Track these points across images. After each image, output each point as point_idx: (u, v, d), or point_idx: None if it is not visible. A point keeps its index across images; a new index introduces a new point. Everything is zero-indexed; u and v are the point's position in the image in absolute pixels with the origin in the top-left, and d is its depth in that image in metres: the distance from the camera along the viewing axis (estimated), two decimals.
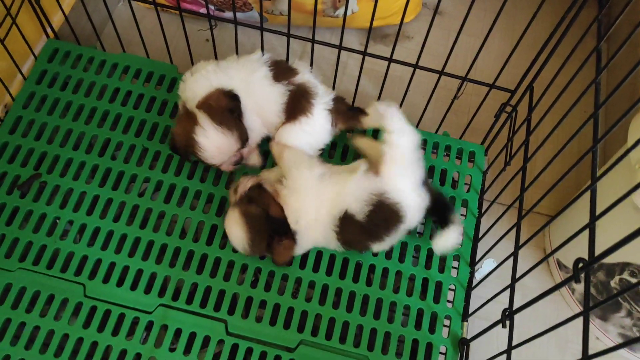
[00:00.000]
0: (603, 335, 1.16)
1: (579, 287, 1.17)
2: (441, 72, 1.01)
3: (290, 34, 1.03)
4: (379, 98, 1.14)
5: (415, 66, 1.01)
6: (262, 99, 1.02)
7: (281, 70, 1.02)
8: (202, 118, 0.96)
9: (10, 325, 0.96)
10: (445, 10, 1.50)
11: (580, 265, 0.59)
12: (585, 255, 0.61)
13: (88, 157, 1.10)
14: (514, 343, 0.76)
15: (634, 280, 1.00)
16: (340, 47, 1.02)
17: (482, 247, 1.04)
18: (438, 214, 1.01)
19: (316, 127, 1.03)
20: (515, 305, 0.77)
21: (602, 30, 0.71)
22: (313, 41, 1.04)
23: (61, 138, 1.12)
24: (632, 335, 1.09)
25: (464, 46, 1.02)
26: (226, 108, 0.97)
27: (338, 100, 1.04)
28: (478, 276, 1.18)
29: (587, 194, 0.66)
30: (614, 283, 1.05)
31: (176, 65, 1.22)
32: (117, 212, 1.06)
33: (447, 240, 0.99)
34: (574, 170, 0.73)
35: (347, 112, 1.05)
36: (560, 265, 1.20)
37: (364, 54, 1.01)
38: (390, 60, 1.01)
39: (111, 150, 1.12)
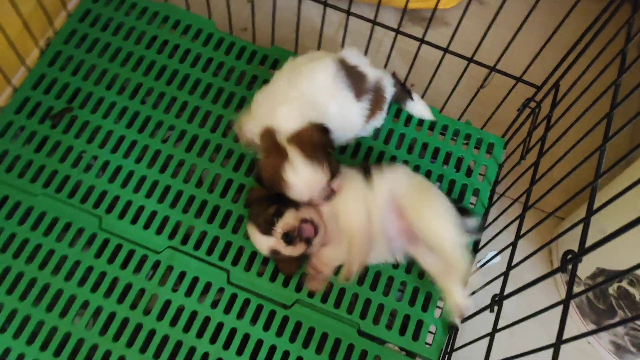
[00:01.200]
0: (595, 340, 1.17)
1: (576, 289, 1.18)
2: (470, 59, 1.02)
3: (327, 3, 1.05)
4: (406, 78, 1.16)
5: (446, 50, 1.02)
6: (347, 119, 1.02)
7: (356, 83, 1.00)
8: (293, 154, 0.90)
9: (27, 246, 1.02)
10: (490, 3, 1.49)
11: (569, 257, 0.61)
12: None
13: (119, 98, 1.15)
14: (506, 338, 0.77)
15: (631, 289, 1.01)
16: (374, 22, 1.03)
17: (487, 240, 1.05)
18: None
19: (383, 115, 1.07)
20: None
21: (631, 34, 0.71)
22: (349, 13, 1.05)
23: (96, 76, 1.16)
24: (623, 344, 1.10)
25: (500, 38, 1.02)
26: (318, 143, 0.91)
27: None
28: (480, 264, 1.20)
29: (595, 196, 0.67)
30: (612, 290, 1.06)
31: (214, 21, 1.25)
32: (139, 154, 1.11)
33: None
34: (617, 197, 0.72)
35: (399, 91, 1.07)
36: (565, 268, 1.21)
37: (397, 31, 1.03)
38: (421, 41, 1.02)
39: (141, 95, 1.16)
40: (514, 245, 0.86)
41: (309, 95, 0.96)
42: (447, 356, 0.99)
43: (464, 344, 0.90)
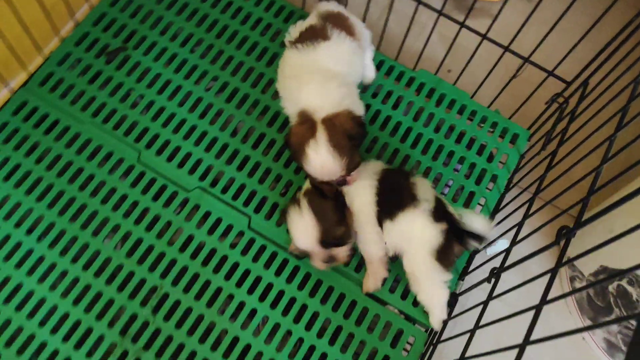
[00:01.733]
0: (589, 336, 1.21)
1: (578, 285, 1.22)
2: (506, 48, 1.06)
3: None
4: (442, 61, 1.20)
5: (484, 36, 1.07)
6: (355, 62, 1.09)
7: (344, 25, 1.07)
8: (321, 134, 0.94)
9: (71, 168, 1.11)
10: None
11: (564, 231, 0.66)
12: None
13: (170, 44, 1.22)
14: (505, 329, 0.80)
15: (630, 288, 1.04)
16: (419, 1, 1.08)
17: (499, 229, 1.09)
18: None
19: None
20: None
21: None
22: None
23: (152, 21, 1.24)
24: (616, 341, 1.14)
25: (539, 34, 1.05)
26: (348, 133, 0.95)
27: None
28: (489, 252, 1.25)
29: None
30: (611, 288, 1.10)
31: None
32: (182, 99, 1.18)
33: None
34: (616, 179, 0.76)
35: None
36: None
37: (440, 12, 1.07)
38: (462, 24, 1.07)
39: (192, 44, 1.23)
40: (520, 224, 0.91)
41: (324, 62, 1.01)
42: (442, 325, 1.04)
43: (460, 312, 0.96)
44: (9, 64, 1.12)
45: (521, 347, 0.63)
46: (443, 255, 0.97)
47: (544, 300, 0.63)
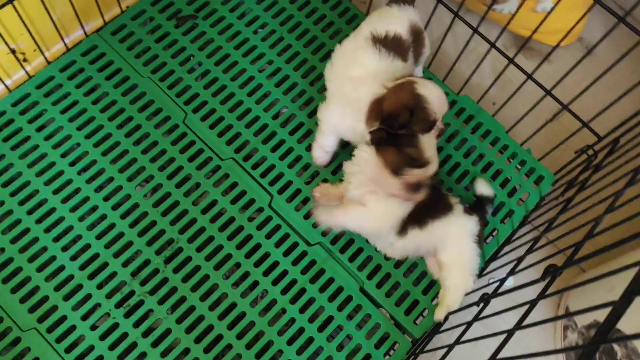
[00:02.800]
0: None
1: (571, 337, 1.24)
2: (547, 92, 1.09)
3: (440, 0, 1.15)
4: (487, 90, 1.24)
5: (529, 76, 1.10)
6: None
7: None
8: (420, 79, 0.99)
9: (122, 115, 1.20)
10: (597, 52, 1.53)
11: (551, 269, 0.70)
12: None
13: (237, 22, 1.30)
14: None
15: (615, 347, 1.06)
16: (475, 30, 1.12)
17: (506, 259, 1.11)
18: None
19: None
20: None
21: None
22: (456, 14, 1.14)
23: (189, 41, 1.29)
24: None
25: (585, 83, 1.08)
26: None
27: None
28: (491, 280, 1.28)
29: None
30: None
31: None
32: (236, 74, 1.26)
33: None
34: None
35: None
36: (567, 309, 1.27)
37: (492, 45, 1.11)
38: (510, 60, 1.11)
39: (256, 26, 1.31)
40: (520, 258, 0.95)
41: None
42: (428, 338, 1.09)
43: (446, 329, 1.00)
44: (89, 8, 1.21)
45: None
46: (480, 241, 1.08)
47: (517, 326, 0.67)
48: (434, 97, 0.97)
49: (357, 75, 1.05)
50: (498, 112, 1.26)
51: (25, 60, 1.19)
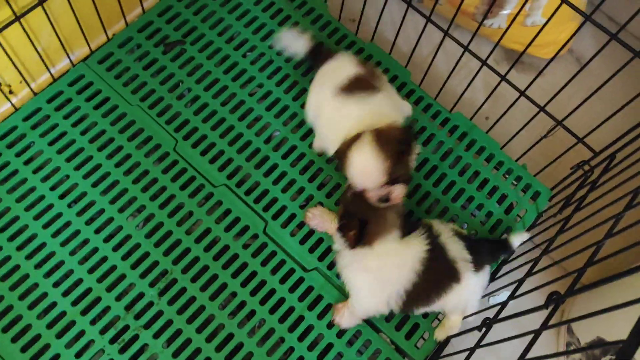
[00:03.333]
0: None
1: (575, 355, 1.22)
2: (541, 109, 1.08)
3: (429, 19, 1.14)
4: (480, 107, 1.23)
5: (522, 93, 1.09)
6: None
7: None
8: (366, 136, 0.94)
9: (112, 144, 1.18)
10: (590, 66, 1.53)
11: (554, 297, 0.68)
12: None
13: (225, 46, 1.29)
14: None
15: None
16: (465, 48, 1.12)
17: (506, 280, 1.11)
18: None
19: None
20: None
21: None
22: (446, 33, 1.14)
23: (212, 22, 1.31)
24: None
25: (580, 98, 1.07)
26: (395, 139, 0.94)
27: None
28: (492, 301, 1.27)
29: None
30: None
31: (327, 4, 1.36)
32: (226, 99, 1.24)
33: None
34: (633, 256, 0.77)
35: None
36: (569, 328, 1.26)
37: (484, 62, 1.10)
38: (502, 78, 1.10)
39: (245, 49, 1.29)
40: (520, 281, 0.93)
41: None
42: None
43: (449, 354, 0.98)
44: (75, 37, 1.20)
45: None
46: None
47: (521, 358, 0.66)
48: (357, 166, 0.95)
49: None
50: (492, 128, 1.25)
51: (11, 92, 1.17)
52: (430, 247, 0.97)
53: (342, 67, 1.10)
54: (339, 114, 1.05)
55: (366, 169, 0.94)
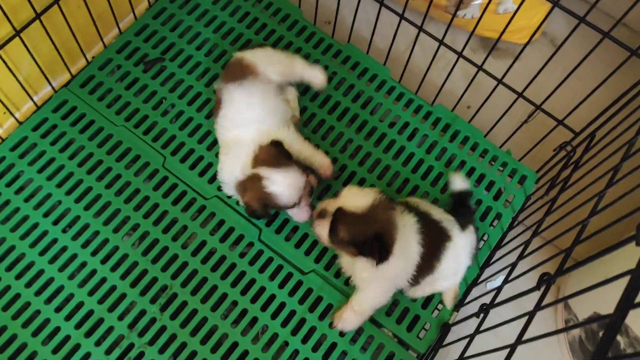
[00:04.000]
0: None
1: (574, 331, 1.25)
2: (519, 95, 1.10)
3: (403, 16, 1.16)
4: (461, 97, 1.25)
5: (499, 81, 1.11)
6: None
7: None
8: (264, 171, 1.02)
9: (101, 166, 1.19)
10: (564, 45, 1.56)
11: (545, 277, 0.70)
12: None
13: (205, 59, 1.30)
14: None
15: (619, 337, 1.07)
16: (441, 42, 1.13)
17: (501, 264, 1.13)
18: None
19: None
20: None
21: None
22: (420, 29, 1.16)
23: (190, 37, 1.32)
24: None
25: (557, 80, 1.09)
26: (278, 153, 1.04)
27: None
28: (489, 286, 1.29)
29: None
30: (602, 334, 1.13)
31: (301, 10, 1.38)
32: (210, 111, 1.25)
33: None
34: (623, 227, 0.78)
35: None
36: (566, 304, 1.28)
37: (459, 55, 1.12)
38: (479, 68, 1.12)
39: (224, 61, 1.30)
40: (513, 265, 0.95)
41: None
42: (433, 352, 1.08)
43: (450, 342, 1.00)
44: (54, 64, 1.21)
45: None
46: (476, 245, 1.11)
47: (518, 340, 0.67)
48: (284, 189, 1.01)
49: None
50: (474, 117, 1.27)
51: None
52: (419, 218, 1.00)
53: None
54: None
55: (293, 185, 1.02)
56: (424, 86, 1.31)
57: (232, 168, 1.08)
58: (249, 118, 1.10)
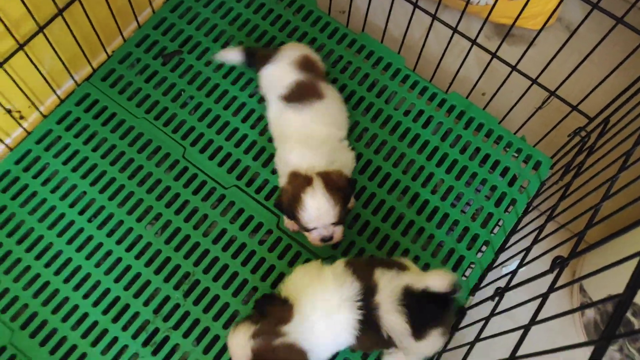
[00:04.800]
0: None
1: (589, 313, 1.26)
2: (534, 81, 1.11)
3: (416, 4, 1.17)
4: (475, 84, 1.26)
5: (513, 68, 1.12)
6: None
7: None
8: (318, 182, 1.02)
9: (123, 158, 1.22)
10: (579, 31, 1.55)
11: (558, 261, 0.72)
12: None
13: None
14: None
15: (632, 319, 1.09)
16: (454, 30, 1.15)
17: (516, 249, 1.14)
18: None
19: None
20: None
21: None
22: (434, 17, 1.17)
23: (207, 29, 1.34)
24: None
25: (572, 66, 1.10)
26: (341, 188, 1.04)
27: None
28: (504, 270, 1.31)
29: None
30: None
31: None
32: (228, 102, 1.28)
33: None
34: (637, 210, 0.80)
35: None
36: (581, 288, 1.29)
37: (473, 42, 1.13)
38: (493, 55, 1.13)
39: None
40: (527, 249, 0.97)
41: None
42: (449, 335, 1.10)
43: (465, 325, 1.02)
44: (76, 58, 1.24)
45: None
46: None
47: (532, 321, 0.69)
48: (313, 207, 1.02)
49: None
50: (488, 104, 1.28)
51: (22, 117, 1.22)
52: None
53: (283, 72, 1.17)
54: (283, 120, 1.15)
55: (320, 212, 1.02)
56: (438, 74, 1.32)
57: (300, 161, 1.07)
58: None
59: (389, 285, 0.93)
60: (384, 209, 1.20)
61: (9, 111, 1.17)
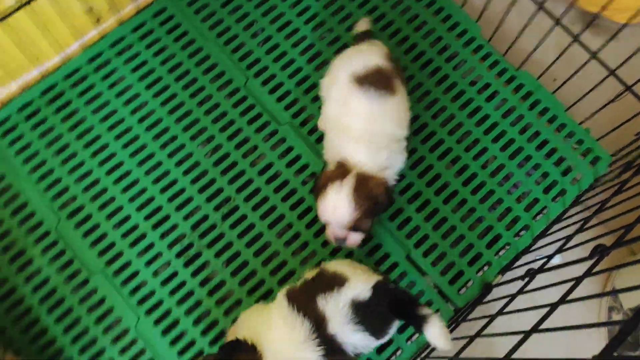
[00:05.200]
0: None
1: (617, 318, 1.24)
2: (611, 72, 1.07)
3: None
4: (549, 67, 1.22)
5: (593, 55, 1.09)
6: None
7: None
8: (349, 181, 0.97)
9: (187, 76, 1.25)
10: None
11: (599, 249, 0.71)
12: None
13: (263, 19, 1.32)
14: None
15: None
16: (540, 6, 1.11)
17: (554, 237, 1.12)
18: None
19: None
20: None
21: None
22: None
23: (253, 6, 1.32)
24: None
25: None
26: (374, 198, 0.98)
27: None
28: (539, 255, 1.30)
29: None
30: None
31: None
32: (298, 40, 1.28)
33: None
34: None
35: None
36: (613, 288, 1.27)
37: (557, 22, 1.10)
38: (575, 38, 1.09)
39: (280, 24, 1.32)
40: (569, 237, 0.96)
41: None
42: (470, 308, 1.11)
43: (488, 300, 1.03)
44: None
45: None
46: None
47: (561, 301, 0.69)
48: (330, 203, 0.97)
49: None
50: (558, 89, 1.24)
51: (98, 20, 1.25)
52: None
53: (365, 54, 1.07)
54: (346, 105, 1.04)
55: (336, 210, 0.97)
56: (512, 50, 1.29)
57: (352, 153, 1.01)
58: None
59: (337, 311, 0.90)
60: (430, 174, 1.20)
61: (90, 9, 1.20)
